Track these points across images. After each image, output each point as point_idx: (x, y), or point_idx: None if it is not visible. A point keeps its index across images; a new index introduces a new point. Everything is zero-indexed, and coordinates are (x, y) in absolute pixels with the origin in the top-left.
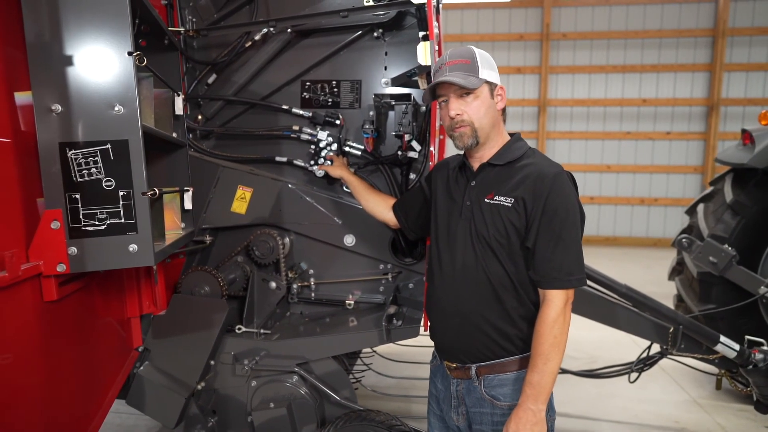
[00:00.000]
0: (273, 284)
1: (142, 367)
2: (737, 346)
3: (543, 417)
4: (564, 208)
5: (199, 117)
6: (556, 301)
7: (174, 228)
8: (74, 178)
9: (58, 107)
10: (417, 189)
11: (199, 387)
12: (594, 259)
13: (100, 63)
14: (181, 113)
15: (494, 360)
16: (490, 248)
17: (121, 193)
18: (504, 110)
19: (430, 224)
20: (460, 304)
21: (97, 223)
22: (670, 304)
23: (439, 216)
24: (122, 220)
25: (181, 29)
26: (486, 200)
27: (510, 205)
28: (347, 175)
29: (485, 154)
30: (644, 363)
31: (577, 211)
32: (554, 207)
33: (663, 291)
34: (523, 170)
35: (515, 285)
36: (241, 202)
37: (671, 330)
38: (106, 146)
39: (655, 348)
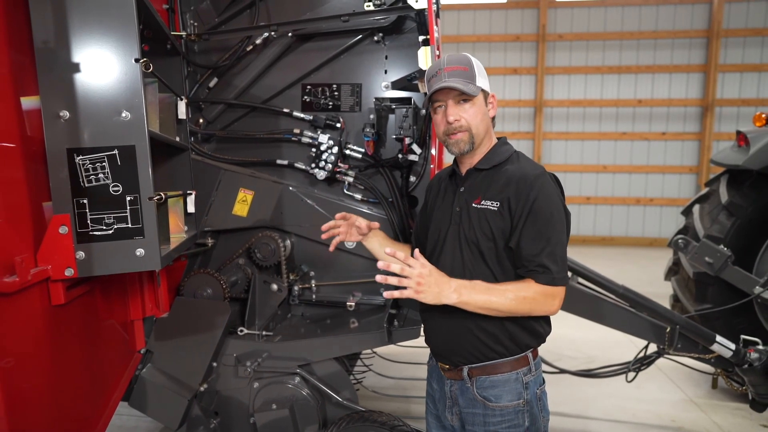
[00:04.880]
0: (274, 286)
1: (144, 369)
2: (733, 346)
3: (446, 295)
4: (547, 208)
5: (201, 120)
6: (544, 287)
7: (177, 231)
8: (82, 184)
9: (65, 113)
10: (420, 214)
11: (202, 389)
12: (590, 258)
13: (107, 69)
14: (184, 117)
15: (485, 362)
16: (479, 252)
17: (128, 198)
18: (493, 118)
19: None
20: (451, 308)
21: (104, 227)
22: (666, 303)
23: (433, 223)
24: (129, 225)
25: (183, 33)
26: (474, 205)
27: (495, 209)
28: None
29: (475, 159)
30: (641, 363)
31: (561, 210)
32: (537, 207)
33: (659, 291)
34: (507, 173)
35: None
36: (242, 204)
37: (668, 330)
38: (114, 152)
39: (652, 348)
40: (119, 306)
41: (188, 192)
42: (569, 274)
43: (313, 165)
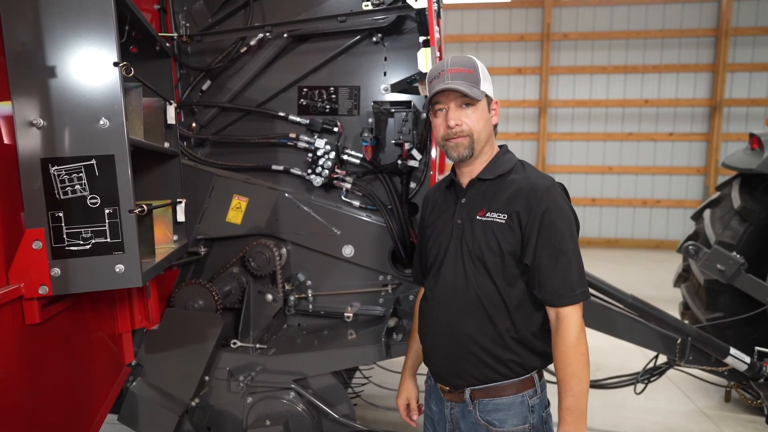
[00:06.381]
0: (269, 296)
1: (134, 383)
2: (748, 359)
3: None
4: (561, 221)
5: (194, 124)
6: (572, 317)
7: (165, 242)
8: (57, 196)
9: (40, 121)
10: (418, 232)
11: (193, 403)
12: (596, 261)
13: (84, 74)
14: (173, 122)
15: (489, 384)
16: (484, 267)
17: (106, 211)
18: (495, 126)
19: None
20: (452, 327)
21: (81, 242)
22: (674, 310)
23: (432, 236)
24: (108, 239)
25: (174, 35)
26: (478, 217)
27: (503, 221)
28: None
29: (475, 168)
30: (651, 374)
31: (573, 223)
32: (551, 221)
33: (666, 295)
34: (514, 184)
35: (507, 306)
36: (236, 211)
37: (679, 341)
38: (91, 162)
39: (662, 358)
40: (107, 318)
41: (178, 200)
42: None
43: (309, 171)
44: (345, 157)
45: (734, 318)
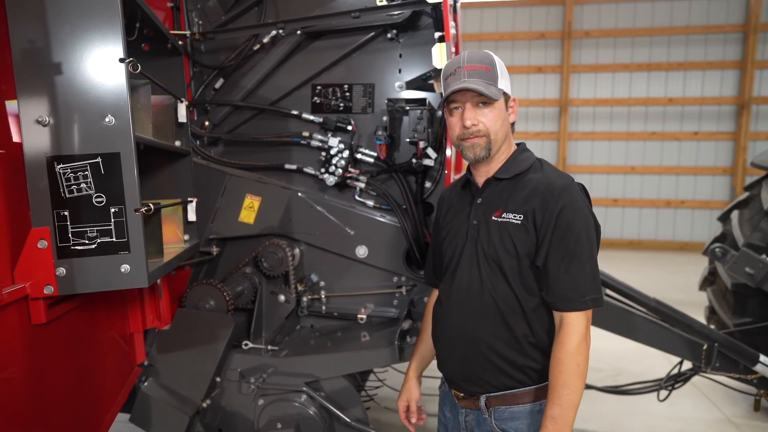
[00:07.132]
0: (282, 297)
1: (146, 383)
2: None
3: None
4: (576, 222)
5: (206, 123)
6: (576, 324)
7: (176, 241)
8: (63, 194)
9: (45, 119)
10: (433, 232)
11: (205, 405)
12: (617, 263)
13: (90, 71)
14: (185, 121)
15: (504, 391)
16: (500, 269)
17: (112, 210)
18: (513, 123)
19: None
20: (467, 331)
21: (87, 241)
22: (700, 314)
23: (447, 237)
24: (114, 239)
25: (187, 32)
26: (494, 218)
27: (519, 222)
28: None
29: (492, 167)
30: (675, 380)
31: (591, 224)
32: (566, 221)
33: (691, 299)
34: (531, 183)
35: (524, 310)
36: (249, 211)
37: (705, 347)
38: (97, 160)
39: (687, 364)
40: (117, 318)
41: (189, 199)
42: None
43: (322, 170)
44: (359, 156)
45: (764, 323)
